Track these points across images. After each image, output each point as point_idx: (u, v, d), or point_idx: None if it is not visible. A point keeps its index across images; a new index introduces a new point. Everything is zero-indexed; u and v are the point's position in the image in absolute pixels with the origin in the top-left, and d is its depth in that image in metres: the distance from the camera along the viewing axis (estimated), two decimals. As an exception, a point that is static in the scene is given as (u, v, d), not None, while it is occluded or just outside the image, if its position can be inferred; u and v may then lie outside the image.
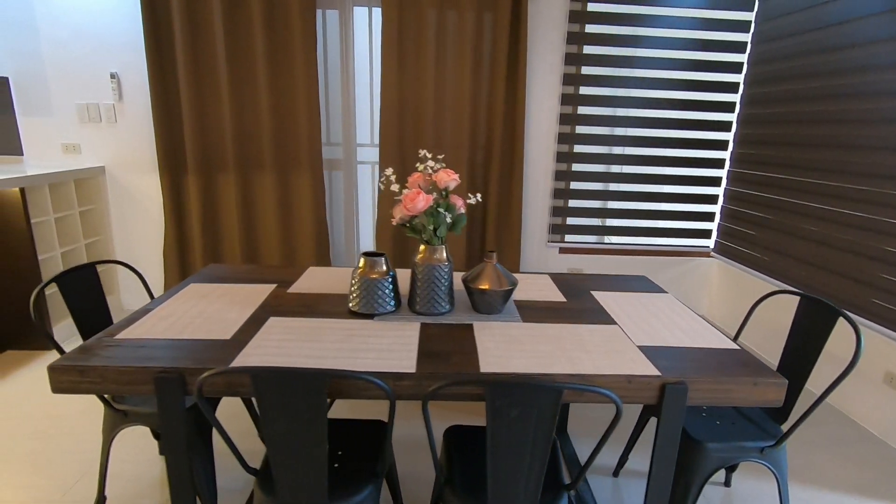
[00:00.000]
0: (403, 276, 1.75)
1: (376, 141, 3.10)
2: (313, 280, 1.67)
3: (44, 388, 2.22)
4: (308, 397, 0.94)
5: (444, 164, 1.35)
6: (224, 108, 2.76)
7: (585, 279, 1.81)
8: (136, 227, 3.03)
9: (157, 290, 3.13)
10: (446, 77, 2.79)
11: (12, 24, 2.69)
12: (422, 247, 1.38)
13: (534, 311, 1.46)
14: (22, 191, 2.36)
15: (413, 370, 1.08)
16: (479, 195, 1.54)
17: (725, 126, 3.02)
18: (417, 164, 1.36)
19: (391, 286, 1.38)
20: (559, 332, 1.32)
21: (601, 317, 1.44)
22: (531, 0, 2.77)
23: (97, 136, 2.88)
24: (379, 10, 2.86)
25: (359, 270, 1.37)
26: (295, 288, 1.58)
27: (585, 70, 2.92)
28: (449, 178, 1.31)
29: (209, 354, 1.12)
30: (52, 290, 2.61)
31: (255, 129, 2.83)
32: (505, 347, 1.22)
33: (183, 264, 3.00)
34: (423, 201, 1.25)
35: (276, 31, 2.68)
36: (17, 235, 2.40)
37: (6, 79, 2.78)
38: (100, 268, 2.99)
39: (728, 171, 3.07)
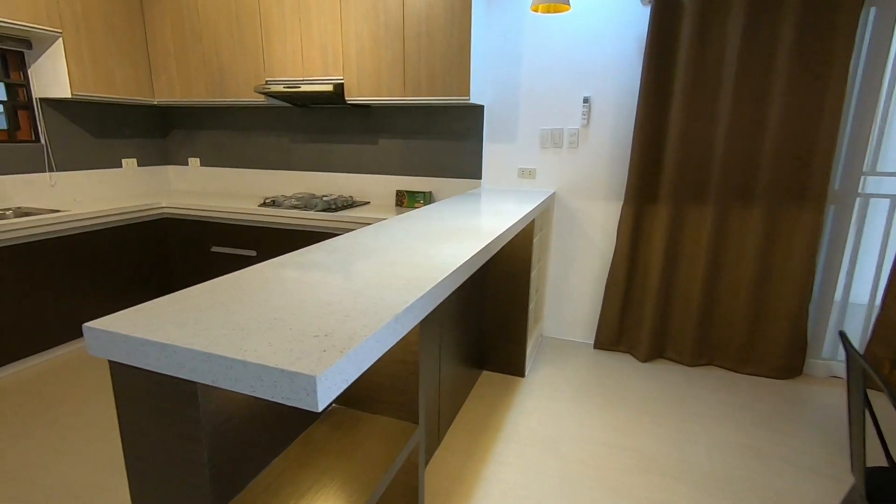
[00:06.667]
0: None
1: (890, 168, 2.42)
2: None
3: (551, 419, 2.11)
4: None
5: None
6: (718, 130, 2.42)
7: None
8: (575, 254, 2.91)
9: (585, 325, 2.96)
10: None
11: (501, 55, 2.81)
12: None
13: None
14: (533, 220, 2.35)
15: None
16: None
17: None
18: None
19: None
20: None
21: None
22: None
23: (554, 162, 2.84)
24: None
25: None
26: None
27: None
28: None
29: None
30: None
31: (749, 152, 2.42)
32: None
33: (626, 299, 2.76)
34: None
35: (806, 38, 2.24)
36: (522, 261, 2.40)
37: (482, 107, 2.94)
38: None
39: None
